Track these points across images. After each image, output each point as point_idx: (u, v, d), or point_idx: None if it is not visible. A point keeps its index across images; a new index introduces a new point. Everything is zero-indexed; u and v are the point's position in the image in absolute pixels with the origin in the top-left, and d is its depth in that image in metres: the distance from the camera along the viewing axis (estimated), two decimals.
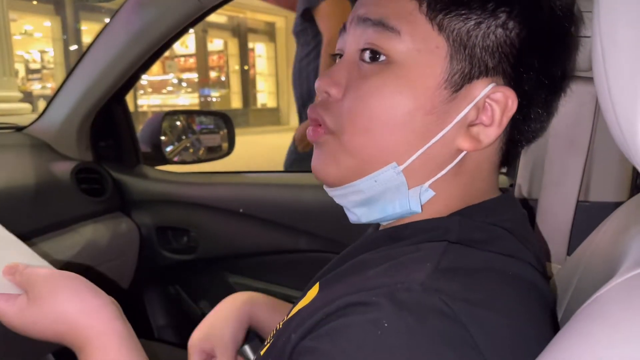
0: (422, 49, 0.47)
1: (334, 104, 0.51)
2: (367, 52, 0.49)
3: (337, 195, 0.54)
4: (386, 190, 0.50)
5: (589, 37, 0.69)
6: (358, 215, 0.53)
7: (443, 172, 0.49)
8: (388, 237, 0.52)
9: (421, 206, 0.50)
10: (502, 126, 0.48)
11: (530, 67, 0.48)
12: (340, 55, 0.54)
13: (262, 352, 0.53)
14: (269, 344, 0.52)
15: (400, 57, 0.47)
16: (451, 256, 0.44)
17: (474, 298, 0.41)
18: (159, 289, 1.50)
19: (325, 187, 0.55)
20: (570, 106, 0.74)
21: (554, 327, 0.49)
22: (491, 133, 0.48)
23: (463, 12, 0.46)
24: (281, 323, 0.53)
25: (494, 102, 0.47)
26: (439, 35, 0.47)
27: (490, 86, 0.47)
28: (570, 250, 0.78)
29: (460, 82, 0.47)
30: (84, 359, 0.53)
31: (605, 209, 0.74)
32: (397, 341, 0.38)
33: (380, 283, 0.42)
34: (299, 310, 0.49)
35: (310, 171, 0.54)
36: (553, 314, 0.54)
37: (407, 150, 0.48)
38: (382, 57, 0.48)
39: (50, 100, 1.35)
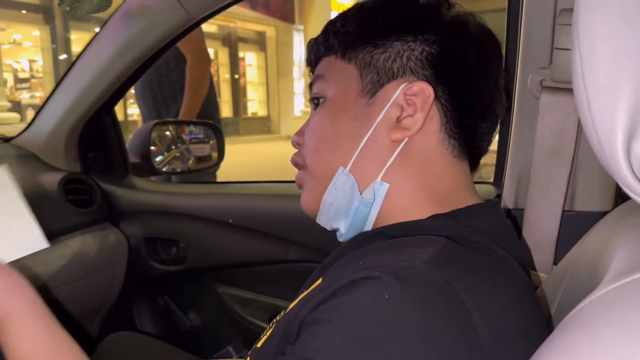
0: (340, 80, 0.60)
1: (301, 147, 0.64)
2: (314, 101, 0.63)
3: (324, 221, 0.62)
4: (345, 193, 0.58)
5: (569, 49, 0.70)
6: (340, 228, 0.61)
7: (388, 163, 0.56)
8: (382, 233, 0.55)
9: (387, 201, 0.57)
10: (424, 111, 0.55)
11: (438, 62, 0.56)
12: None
13: (258, 345, 0.56)
14: (267, 335, 0.55)
15: (328, 92, 0.60)
16: (449, 248, 0.47)
17: (473, 282, 0.44)
18: (148, 300, 1.49)
19: (316, 220, 0.63)
20: (554, 117, 0.75)
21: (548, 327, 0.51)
22: (416, 118, 0.55)
23: (363, 44, 0.58)
24: (282, 313, 0.57)
25: (413, 96, 0.55)
26: (349, 65, 0.59)
27: (403, 85, 0.56)
28: (557, 259, 0.79)
29: (373, 89, 0.57)
30: (4, 338, 0.59)
31: (591, 219, 0.75)
32: (396, 313, 0.40)
33: (384, 262, 0.45)
34: (303, 297, 0.52)
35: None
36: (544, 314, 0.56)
37: (348, 154, 0.58)
38: (322, 100, 0.61)
39: (38, 110, 1.34)
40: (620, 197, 0.80)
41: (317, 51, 0.64)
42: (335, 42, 0.61)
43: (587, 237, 0.60)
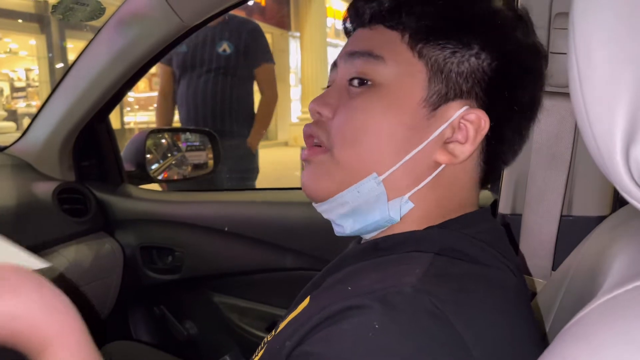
0: (404, 73, 0.53)
1: (326, 122, 0.56)
2: (356, 80, 0.55)
3: (324, 209, 0.57)
4: (368, 200, 0.53)
5: (565, 53, 0.70)
6: (344, 226, 0.56)
7: (422, 184, 0.53)
8: (372, 248, 0.54)
9: (401, 217, 0.53)
10: (475, 143, 0.52)
11: (501, 93, 0.53)
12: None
13: None
14: (258, 356, 0.53)
15: (385, 80, 0.53)
16: (438, 264, 0.46)
17: (463, 301, 0.43)
18: (144, 309, 1.47)
19: (313, 204, 0.59)
20: (551, 121, 0.75)
21: (540, 333, 0.50)
22: (466, 149, 0.52)
23: (440, 42, 0.52)
24: (270, 335, 0.55)
25: (468, 122, 0.52)
26: (419, 61, 0.52)
27: (465, 108, 0.52)
28: (555, 265, 0.78)
29: (438, 102, 0.52)
30: None
31: (589, 223, 0.75)
32: (388, 342, 0.39)
33: (372, 288, 0.44)
34: (291, 321, 0.51)
35: (295, 188, 0.57)
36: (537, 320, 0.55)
37: (389, 162, 0.52)
38: (369, 82, 0.54)
39: (32, 119, 1.33)
40: (619, 201, 0.79)
41: (377, 13, 0.55)
42: (408, 21, 0.53)
43: (585, 242, 0.59)
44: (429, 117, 0.52)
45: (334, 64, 0.59)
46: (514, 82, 0.54)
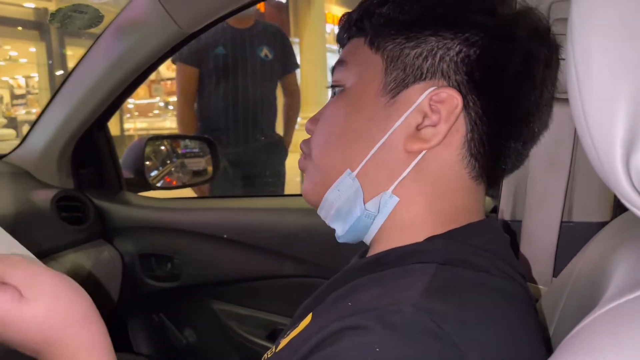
0: (362, 70, 0.54)
1: (312, 135, 0.60)
2: (333, 89, 0.58)
3: (322, 215, 0.59)
4: (348, 197, 0.54)
5: (564, 59, 0.69)
6: (337, 229, 0.57)
7: (401, 177, 0.52)
8: (375, 262, 0.52)
9: (391, 216, 0.53)
10: (449, 122, 0.50)
11: (475, 67, 0.50)
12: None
13: None
14: None
15: (349, 83, 0.55)
16: (442, 276, 0.44)
17: (466, 317, 0.41)
18: (143, 317, 1.47)
19: (317, 212, 0.60)
20: (550, 127, 0.75)
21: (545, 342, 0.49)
22: (438, 130, 0.50)
23: (394, 32, 0.52)
24: (270, 352, 0.54)
25: (439, 103, 0.50)
26: (375, 55, 0.53)
27: (431, 89, 0.50)
28: (556, 271, 0.77)
29: (396, 88, 0.52)
30: None
31: (589, 229, 0.74)
32: None
33: (372, 306, 0.42)
34: (292, 340, 0.50)
35: (294, 195, 0.58)
36: (542, 329, 0.54)
37: (358, 158, 0.53)
38: (341, 88, 0.56)
39: (30, 127, 1.33)
40: (619, 207, 0.79)
41: (348, 29, 0.58)
42: (367, 24, 0.55)
43: (586, 248, 0.59)
44: (389, 105, 0.52)
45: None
46: (487, 52, 0.49)
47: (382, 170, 0.52)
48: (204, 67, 2.26)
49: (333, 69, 0.58)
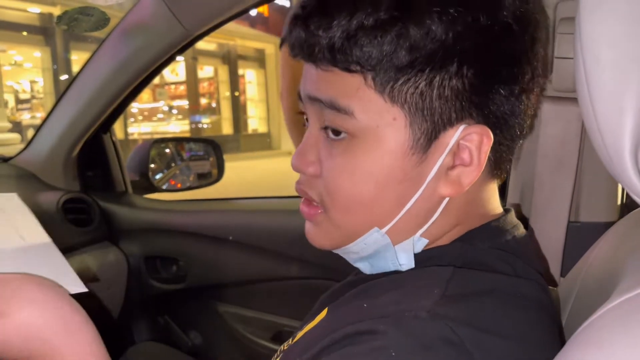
0: (379, 124, 0.46)
1: (315, 180, 0.51)
2: (329, 130, 0.48)
3: (341, 254, 0.55)
4: (377, 249, 0.50)
5: (571, 58, 0.69)
6: (364, 269, 0.54)
7: (430, 221, 0.49)
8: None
9: (415, 254, 0.50)
10: (481, 165, 0.46)
11: (493, 100, 0.46)
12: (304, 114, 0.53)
13: None
14: None
15: (361, 133, 0.46)
16: (458, 281, 0.44)
17: (482, 324, 0.41)
18: (148, 319, 1.47)
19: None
20: (556, 127, 0.74)
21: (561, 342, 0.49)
22: (471, 173, 0.47)
23: (410, 77, 0.44)
24: (286, 345, 0.54)
25: (468, 142, 0.46)
26: (392, 106, 0.45)
27: (459, 131, 0.46)
28: (564, 271, 0.77)
29: (427, 143, 0.46)
30: None
31: (597, 229, 0.74)
32: None
33: (387, 311, 0.42)
34: (307, 333, 0.50)
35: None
36: (560, 331, 0.53)
37: (388, 216, 0.49)
38: (344, 134, 0.47)
39: (37, 130, 1.34)
40: (626, 207, 0.78)
41: (324, 50, 0.45)
42: (365, 61, 0.44)
43: (594, 248, 0.58)
44: (421, 161, 0.46)
45: (299, 94, 0.52)
46: (504, 80, 0.46)
47: (413, 221, 0.49)
48: None
49: (315, 101, 0.48)
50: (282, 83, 0.80)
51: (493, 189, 0.53)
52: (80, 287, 0.52)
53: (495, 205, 0.53)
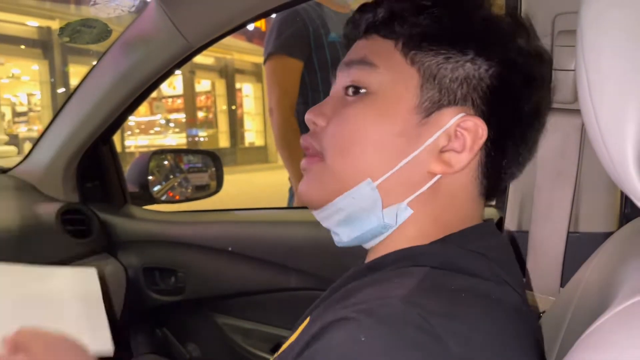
0: (396, 80, 0.52)
1: (320, 132, 0.56)
2: (351, 88, 0.55)
3: (322, 217, 0.57)
4: (363, 206, 0.53)
5: (572, 70, 0.70)
6: (340, 235, 0.56)
7: (418, 192, 0.52)
8: (372, 266, 0.53)
9: (398, 225, 0.53)
10: (472, 152, 0.51)
11: (501, 102, 0.52)
12: None
13: None
14: None
15: (378, 88, 0.53)
16: (434, 277, 0.45)
17: (454, 313, 0.41)
18: (146, 331, 1.46)
19: (311, 211, 0.59)
20: (555, 138, 0.75)
21: (539, 353, 0.49)
22: (462, 158, 0.51)
23: (433, 48, 0.52)
24: (273, 358, 0.54)
25: (464, 130, 0.51)
26: (411, 68, 0.52)
27: (460, 115, 0.51)
28: (564, 282, 0.77)
29: (430, 108, 0.52)
30: None
31: (596, 240, 0.75)
32: (374, 355, 0.38)
33: (360, 300, 0.43)
34: (291, 343, 0.51)
35: (298, 207, 0.57)
36: (537, 339, 0.53)
37: (381, 170, 0.52)
38: (363, 90, 0.54)
39: (36, 141, 1.34)
40: (625, 217, 0.79)
41: (371, 25, 0.56)
42: (398, 28, 0.53)
43: (594, 257, 0.59)
44: (421, 124, 0.52)
45: (335, 76, 0.60)
46: (514, 89, 0.53)
47: (403, 185, 0.52)
48: (316, 57, 1.71)
49: (348, 64, 0.56)
50: (271, 99, 0.85)
51: (480, 203, 0.56)
52: (108, 348, 0.60)
53: (478, 215, 0.56)
